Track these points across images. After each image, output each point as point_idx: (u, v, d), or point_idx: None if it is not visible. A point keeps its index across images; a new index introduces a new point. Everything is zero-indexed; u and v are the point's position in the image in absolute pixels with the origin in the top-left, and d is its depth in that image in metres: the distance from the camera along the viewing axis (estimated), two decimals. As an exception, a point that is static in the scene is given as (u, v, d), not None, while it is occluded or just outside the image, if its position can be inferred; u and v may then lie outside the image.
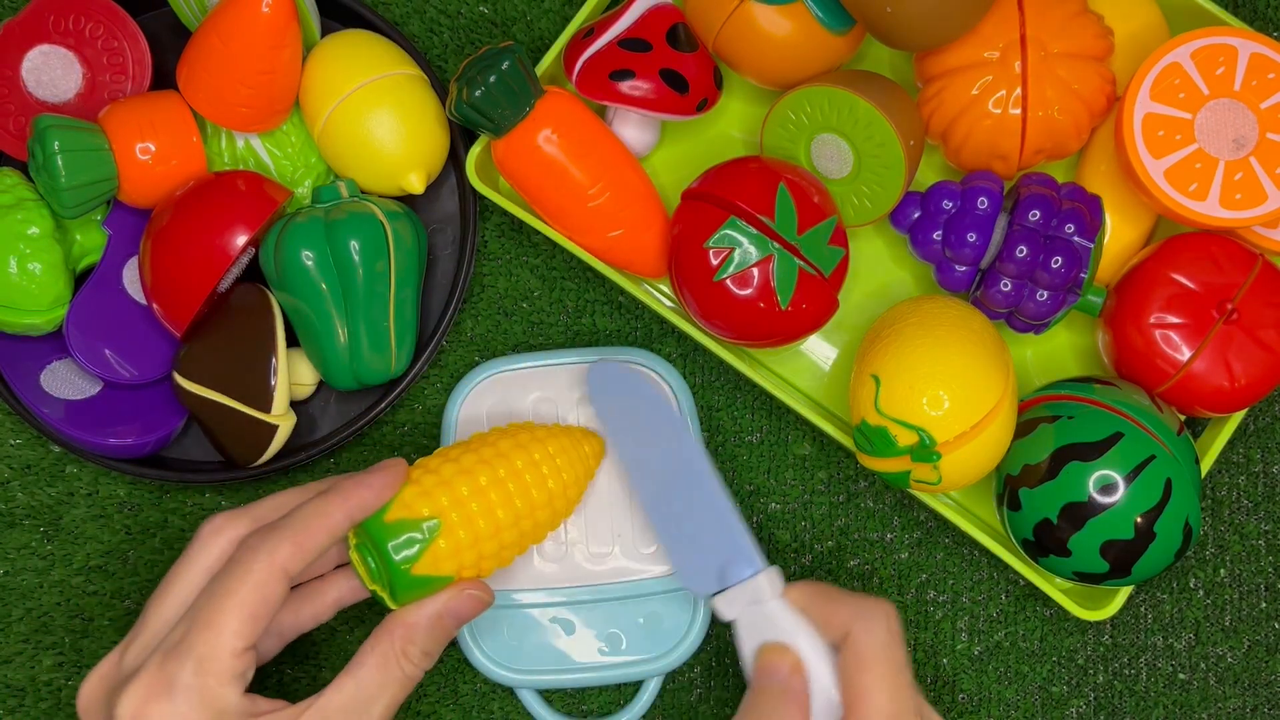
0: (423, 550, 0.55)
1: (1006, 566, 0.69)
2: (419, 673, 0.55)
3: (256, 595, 0.52)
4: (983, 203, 0.62)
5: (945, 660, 0.69)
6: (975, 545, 0.69)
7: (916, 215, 0.65)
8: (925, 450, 0.60)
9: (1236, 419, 0.66)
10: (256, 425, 0.64)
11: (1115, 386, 0.63)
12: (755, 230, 0.62)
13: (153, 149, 0.64)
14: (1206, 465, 0.65)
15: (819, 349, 0.70)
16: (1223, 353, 0.62)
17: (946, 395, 0.59)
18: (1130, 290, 0.63)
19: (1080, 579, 0.62)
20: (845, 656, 0.54)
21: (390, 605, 0.56)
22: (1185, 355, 0.62)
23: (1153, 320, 0.62)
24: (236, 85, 0.63)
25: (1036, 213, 0.61)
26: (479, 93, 0.62)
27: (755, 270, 0.62)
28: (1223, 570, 0.70)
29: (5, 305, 0.63)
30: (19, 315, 0.64)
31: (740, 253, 0.62)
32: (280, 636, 0.59)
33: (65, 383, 0.66)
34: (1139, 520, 0.59)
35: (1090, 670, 0.69)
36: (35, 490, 0.69)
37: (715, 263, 0.62)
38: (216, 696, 0.51)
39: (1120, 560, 0.60)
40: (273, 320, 0.65)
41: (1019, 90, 0.62)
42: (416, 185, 0.66)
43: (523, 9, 0.73)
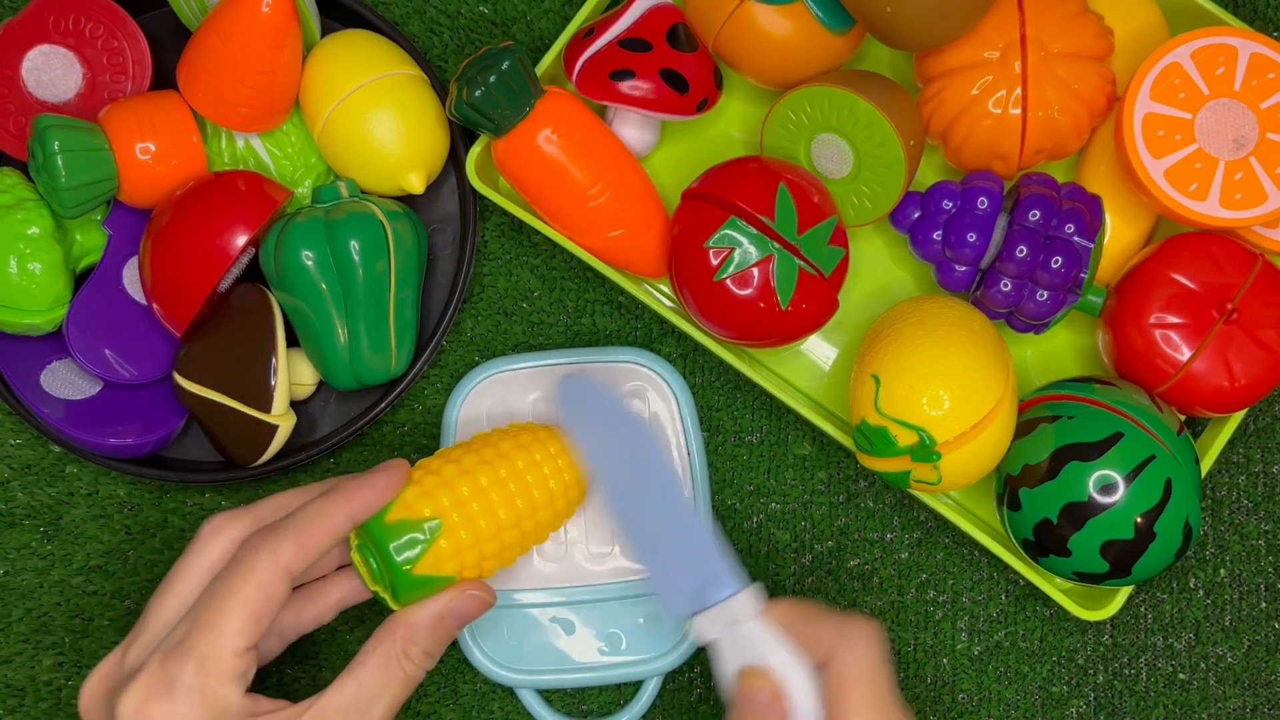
0: (424, 551, 0.55)
1: (1006, 566, 0.69)
2: (421, 673, 0.55)
3: (259, 595, 0.52)
4: (983, 203, 0.62)
5: (945, 660, 0.69)
6: (975, 545, 0.69)
7: (916, 215, 0.65)
8: (925, 450, 0.60)
9: (1236, 419, 0.66)
10: (256, 425, 0.64)
11: (1115, 386, 0.63)
12: (755, 230, 0.62)
13: (153, 149, 0.63)
14: (1206, 465, 0.65)
15: (819, 349, 0.70)
16: (1223, 353, 0.62)
17: (946, 395, 0.59)
18: (1130, 290, 0.63)
19: (1080, 579, 0.62)
20: (828, 680, 0.53)
21: (392, 606, 0.56)
22: (1185, 355, 0.62)
23: (1153, 320, 0.62)
24: (236, 85, 0.63)
25: (1036, 213, 0.61)
26: (479, 93, 0.62)
27: (755, 270, 0.62)
28: (1223, 570, 0.70)
29: (5, 305, 0.63)
30: (19, 315, 0.64)
31: (740, 253, 0.62)
32: (282, 637, 0.59)
33: (65, 383, 0.66)
34: (1139, 520, 0.59)
35: (1090, 670, 0.69)
36: (35, 490, 0.69)
37: (715, 263, 0.62)
38: (218, 696, 0.51)
39: (1120, 560, 0.60)
40: (273, 320, 0.65)
41: (1019, 90, 0.62)
42: (416, 185, 0.66)
43: (523, 9, 0.73)
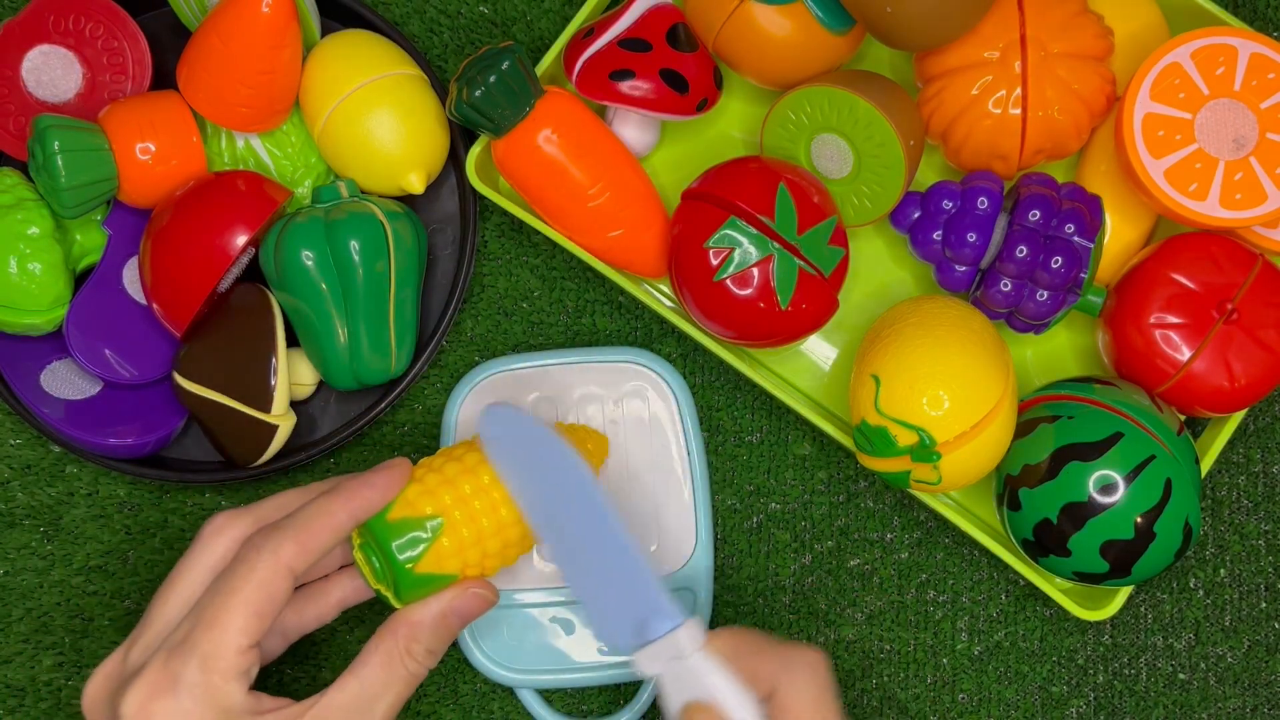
0: (426, 549, 0.55)
1: (1006, 566, 0.69)
2: (423, 671, 0.55)
3: (261, 593, 0.52)
4: (983, 203, 0.62)
5: (945, 660, 0.69)
6: (975, 545, 0.69)
7: (916, 215, 0.65)
8: (925, 450, 0.60)
9: (1236, 419, 0.66)
10: (256, 425, 0.64)
11: (1115, 386, 0.63)
12: (755, 230, 0.62)
13: (153, 149, 0.63)
14: (1206, 465, 0.65)
15: (819, 349, 0.70)
16: (1223, 353, 0.62)
17: (946, 395, 0.59)
18: (1130, 290, 0.63)
19: (1080, 579, 0.62)
20: (774, 713, 0.52)
21: (395, 604, 0.56)
22: (1185, 355, 0.62)
23: (1153, 320, 0.62)
24: (236, 85, 0.63)
25: (1036, 213, 0.61)
26: (479, 93, 0.62)
27: (755, 270, 0.62)
28: (1223, 570, 0.70)
29: (5, 305, 0.63)
30: (19, 315, 0.64)
31: (740, 253, 0.62)
32: (284, 636, 0.59)
33: (65, 383, 0.66)
34: (1139, 520, 0.59)
35: (1090, 670, 0.69)
36: (35, 490, 0.69)
37: (715, 263, 0.62)
38: (221, 694, 0.51)
39: (1120, 560, 0.60)
40: (273, 320, 0.65)
41: (1019, 90, 0.62)
42: (416, 185, 0.66)
43: (523, 9, 0.73)
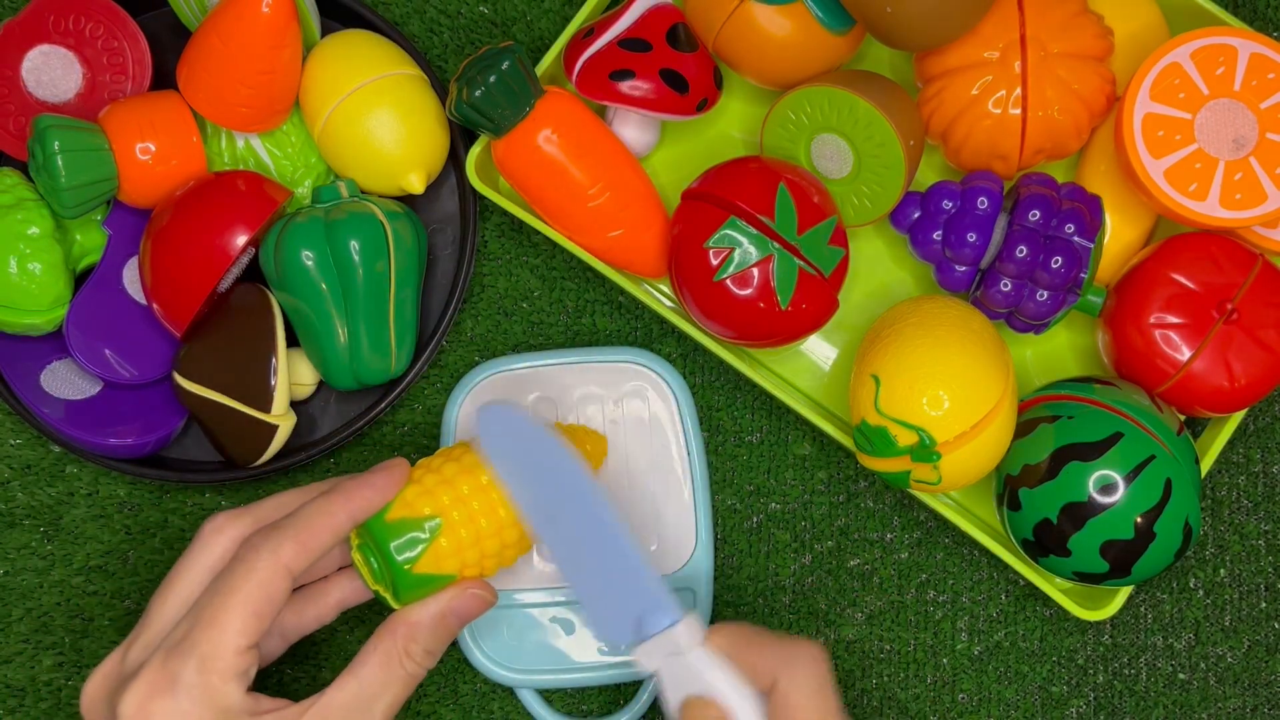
0: (425, 549, 0.55)
1: (1006, 566, 0.69)
2: (422, 672, 0.55)
3: (260, 593, 0.52)
4: (983, 203, 0.62)
5: (945, 660, 0.69)
6: (975, 545, 0.69)
7: (916, 215, 0.65)
8: (925, 450, 0.60)
9: (1236, 419, 0.66)
10: (256, 425, 0.64)
11: (1115, 386, 0.63)
12: (755, 230, 0.62)
13: (153, 149, 0.63)
14: (1206, 465, 0.65)
15: (819, 349, 0.70)
16: (1223, 353, 0.62)
17: (946, 395, 0.59)
18: (1130, 290, 0.63)
19: (1080, 579, 0.62)
20: (774, 707, 0.52)
21: (393, 605, 0.56)
22: (1185, 355, 0.62)
23: (1153, 320, 0.62)
24: (236, 85, 0.63)
25: (1036, 213, 0.61)
26: (479, 93, 0.62)
27: (755, 270, 0.62)
28: (1223, 570, 0.70)
29: (5, 305, 0.63)
30: (19, 315, 0.64)
31: (740, 253, 0.62)
32: (283, 637, 0.59)
33: (65, 383, 0.66)
34: (1139, 520, 0.59)
35: (1090, 670, 0.69)
36: (35, 490, 0.69)
37: (715, 263, 0.62)
38: (219, 694, 0.51)
39: (1120, 560, 0.60)
40: (273, 320, 0.65)
41: (1019, 90, 0.62)
42: (416, 185, 0.66)
43: (523, 9, 0.73)
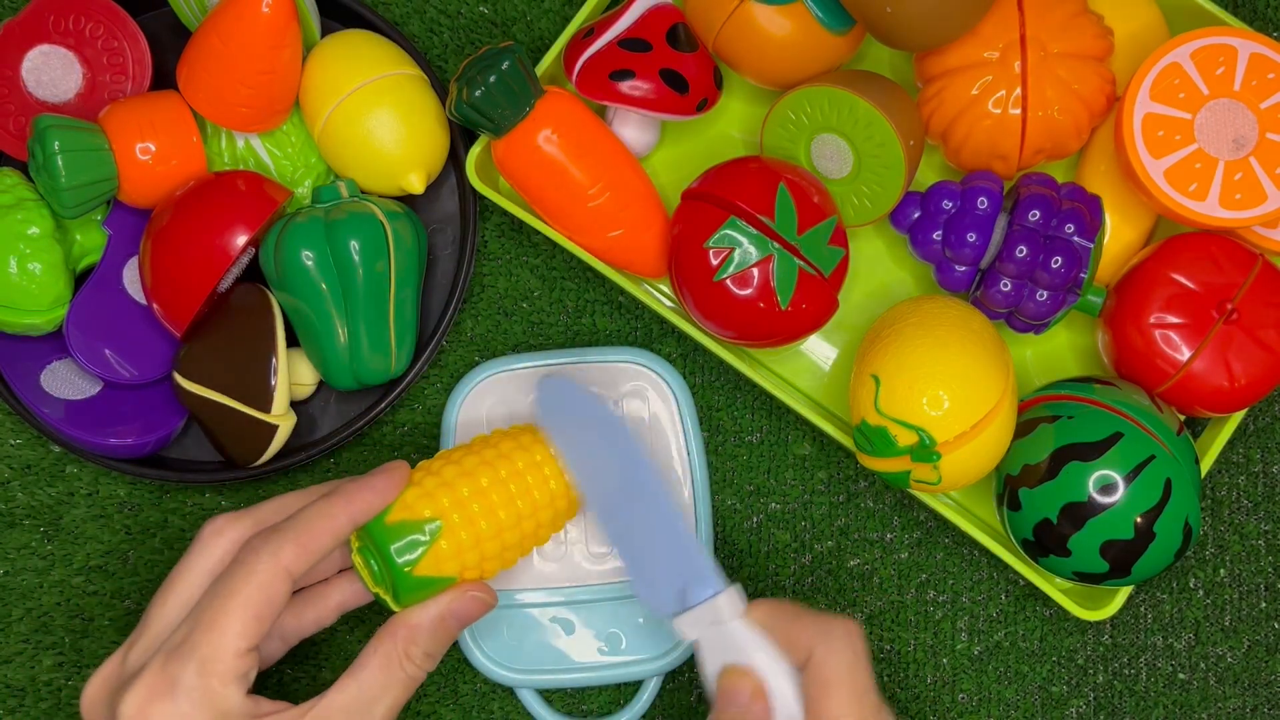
0: (425, 552, 0.55)
1: (1006, 566, 0.69)
2: (422, 674, 0.55)
3: (260, 596, 0.52)
4: (983, 203, 0.62)
5: (945, 660, 0.69)
6: (975, 545, 0.69)
7: (916, 215, 0.65)
8: (925, 450, 0.60)
9: (1236, 419, 0.66)
10: (256, 425, 0.64)
11: (1115, 386, 0.63)
12: (755, 230, 0.62)
13: (153, 149, 0.63)
14: (1206, 465, 0.65)
15: (819, 349, 0.70)
16: (1222, 353, 0.62)
17: (946, 395, 0.59)
18: (1130, 290, 0.63)
19: (1080, 579, 0.62)
20: (809, 680, 0.53)
21: (393, 607, 0.56)
22: (1185, 355, 0.62)
23: (1153, 320, 0.62)
24: (236, 85, 0.63)
25: (1036, 213, 0.61)
26: (479, 93, 0.62)
27: (755, 270, 0.62)
28: (1223, 570, 0.70)
29: (5, 305, 0.63)
30: (19, 315, 0.64)
31: (740, 253, 0.62)
32: (283, 640, 0.59)
33: (65, 383, 0.66)
34: (1139, 520, 0.59)
35: (1090, 670, 0.69)
36: (35, 490, 0.69)
37: (715, 263, 0.62)
38: (219, 697, 0.51)
39: (1120, 560, 0.60)
40: (273, 320, 0.65)
41: (1019, 90, 0.62)
42: (416, 185, 0.66)
43: (523, 9, 0.73)
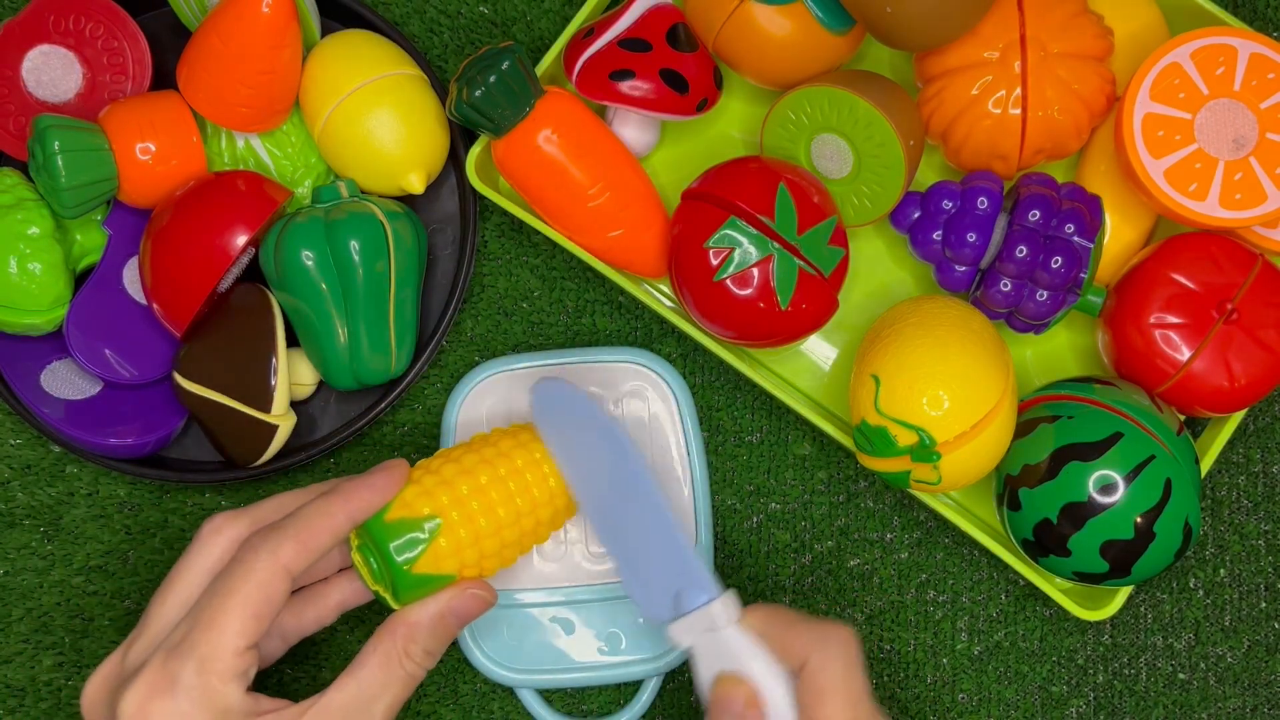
0: (424, 549, 0.55)
1: (1006, 566, 0.69)
2: (421, 672, 0.55)
3: (259, 594, 0.52)
4: (983, 203, 0.62)
5: (945, 660, 0.69)
6: (975, 545, 0.69)
7: (916, 215, 0.65)
8: (925, 450, 0.60)
9: (1236, 419, 0.66)
10: (256, 425, 0.64)
11: (1115, 386, 0.63)
12: (755, 230, 0.62)
13: (153, 149, 0.63)
14: (1206, 465, 0.65)
15: (819, 349, 0.70)
16: (1223, 353, 0.62)
17: (946, 395, 0.59)
18: (1130, 290, 0.63)
19: (1080, 579, 0.62)
20: (803, 687, 0.53)
21: (393, 605, 0.56)
22: (1185, 355, 0.62)
23: (1153, 320, 0.62)
24: (236, 85, 0.63)
25: (1036, 213, 0.61)
26: (479, 93, 0.62)
27: (755, 270, 0.62)
28: (1223, 570, 0.70)
29: (5, 305, 0.63)
30: (19, 315, 0.64)
31: (740, 253, 0.62)
32: (283, 639, 0.59)
33: (65, 383, 0.66)
34: (1139, 520, 0.59)
35: (1090, 670, 0.69)
36: (35, 490, 0.69)
37: (715, 263, 0.62)
38: (219, 695, 0.51)
39: (1120, 560, 0.60)
40: (273, 320, 0.65)
41: (1019, 90, 0.62)
42: (416, 185, 0.66)
43: (523, 9, 0.73)
